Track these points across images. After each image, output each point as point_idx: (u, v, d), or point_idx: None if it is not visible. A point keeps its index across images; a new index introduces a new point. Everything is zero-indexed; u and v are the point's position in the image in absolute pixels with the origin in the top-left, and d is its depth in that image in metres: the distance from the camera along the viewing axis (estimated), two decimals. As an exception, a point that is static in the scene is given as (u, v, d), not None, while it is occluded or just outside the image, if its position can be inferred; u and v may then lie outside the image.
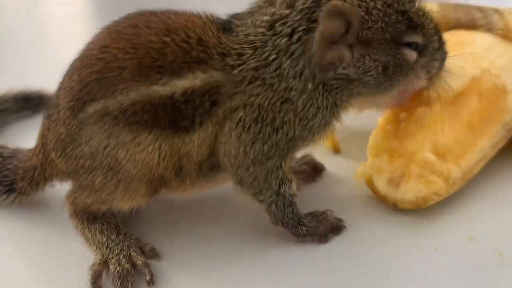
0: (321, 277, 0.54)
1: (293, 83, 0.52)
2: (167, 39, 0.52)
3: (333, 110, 0.54)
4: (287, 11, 0.51)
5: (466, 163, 0.61)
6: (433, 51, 0.55)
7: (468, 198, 0.63)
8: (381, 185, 0.61)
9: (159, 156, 0.53)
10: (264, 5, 0.54)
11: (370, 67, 0.52)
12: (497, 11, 0.71)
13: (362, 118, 0.68)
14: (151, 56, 0.52)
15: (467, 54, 0.65)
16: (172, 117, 0.52)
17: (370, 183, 0.63)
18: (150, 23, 0.54)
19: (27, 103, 0.81)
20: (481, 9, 0.71)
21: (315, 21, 0.50)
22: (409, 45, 0.53)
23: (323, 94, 0.52)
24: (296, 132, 0.53)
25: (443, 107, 0.62)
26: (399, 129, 0.63)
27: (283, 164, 0.54)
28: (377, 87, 0.53)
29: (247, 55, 0.52)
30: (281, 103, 0.52)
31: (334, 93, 0.53)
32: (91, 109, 0.53)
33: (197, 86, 0.52)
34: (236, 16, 0.56)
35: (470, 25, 0.70)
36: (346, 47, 0.51)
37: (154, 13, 0.56)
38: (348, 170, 0.68)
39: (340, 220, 0.59)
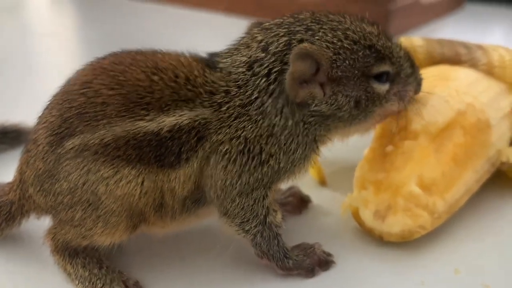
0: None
1: (275, 120, 0.53)
2: (155, 77, 0.53)
3: (312, 145, 0.55)
4: (262, 54, 0.53)
5: (451, 196, 0.62)
6: (405, 78, 0.57)
7: (453, 231, 0.64)
8: (367, 217, 0.61)
9: (140, 192, 0.52)
10: (241, 47, 0.55)
11: (343, 102, 0.54)
12: (480, 47, 0.72)
13: (349, 152, 0.69)
14: (138, 93, 0.52)
15: (452, 89, 0.66)
16: (158, 152, 0.52)
17: (356, 215, 0.63)
18: (138, 62, 0.54)
19: (3, 137, 0.81)
20: (465, 45, 0.73)
21: (287, 63, 0.52)
22: (380, 76, 0.55)
23: (303, 132, 0.54)
24: (282, 165, 0.54)
25: (429, 140, 0.63)
26: (386, 161, 0.63)
27: (268, 194, 0.55)
28: (352, 120, 0.55)
29: (233, 93, 0.53)
30: (267, 137, 0.53)
31: (313, 129, 0.54)
32: (70, 144, 0.52)
33: (184, 124, 0.52)
34: (216, 54, 0.57)
35: (455, 60, 0.72)
36: (318, 85, 0.53)
37: (140, 52, 0.56)
38: (334, 202, 0.69)
39: (329, 255, 0.59)
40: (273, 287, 0.56)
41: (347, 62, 0.53)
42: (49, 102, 0.56)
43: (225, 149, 0.53)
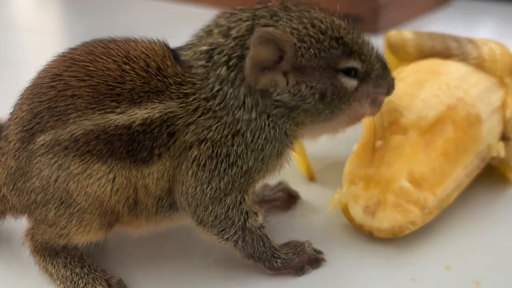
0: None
1: (238, 114, 0.51)
2: (126, 67, 0.51)
3: (284, 140, 0.53)
4: (222, 40, 0.51)
5: (442, 191, 0.61)
6: (376, 78, 0.55)
7: (444, 227, 0.63)
8: (357, 213, 0.60)
9: (111, 189, 0.50)
10: (203, 36, 0.53)
11: (307, 94, 0.51)
12: (471, 41, 0.72)
13: (338, 147, 0.68)
14: (108, 83, 0.50)
15: (443, 83, 0.65)
16: (130, 147, 0.50)
17: (346, 211, 0.62)
18: (109, 51, 0.52)
19: None
20: (456, 39, 0.72)
21: (248, 47, 0.50)
22: (348, 71, 0.52)
23: (269, 124, 0.51)
24: (250, 164, 0.51)
25: (419, 135, 0.62)
26: (375, 156, 0.62)
27: (245, 198, 0.53)
28: (318, 115, 0.53)
29: (197, 85, 0.51)
30: (232, 136, 0.51)
31: (280, 123, 0.52)
32: (41, 140, 0.50)
33: (156, 117, 0.50)
34: (179, 48, 0.54)
35: (445, 54, 0.71)
36: (281, 73, 0.51)
37: (113, 41, 0.54)
38: (324, 198, 0.68)
39: (320, 252, 0.58)
40: (261, 286, 0.55)
41: (311, 51, 0.50)
42: (19, 97, 0.54)
43: (194, 155, 0.50)
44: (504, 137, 0.68)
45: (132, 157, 0.50)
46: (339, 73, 0.52)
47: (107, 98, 0.49)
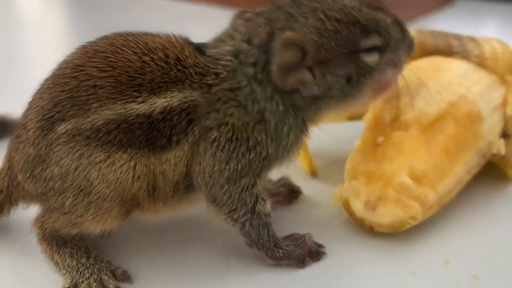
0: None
1: (266, 105, 0.53)
2: (146, 58, 0.52)
3: (302, 127, 0.55)
4: (248, 47, 0.53)
5: (442, 187, 0.62)
6: (396, 44, 0.56)
7: (444, 223, 0.64)
8: (358, 208, 0.61)
9: (133, 176, 0.52)
10: (226, 39, 0.55)
11: (333, 82, 0.53)
12: (472, 39, 0.72)
13: (340, 144, 0.68)
14: (130, 74, 0.52)
15: (444, 80, 0.66)
16: (149, 135, 0.51)
17: (347, 206, 0.62)
18: (129, 43, 0.54)
19: None
20: (457, 37, 0.73)
21: (272, 53, 0.52)
22: (369, 49, 0.54)
23: (293, 115, 0.54)
24: (270, 151, 0.53)
25: (420, 131, 0.63)
26: (377, 152, 0.63)
27: (257, 182, 0.55)
28: (344, 97, 0.54)
29: (222, 75, 0.53)
30: (255, 124, 0.53)
31: (304, 112, 0.54)
32: (61, 128, 0.51)
33: (175, 105, 0.51)
34: (203, 44, 0.56)
35: (447, 52, 0.72)
36: (306, 70, 0.52)
37: (131, 34, 0.56)
38: (325, 193, 0.68)
39: (321, 246, 0.59)
40: (262, 277, 0.56)
41: (332, 42, 0.52)
42: (39, 87, 0.56)
43: (213, 136, 0.52)
44: (504, 135, 0.69)
45: (151, 145, 0.52)
46: (361, 53, 0.54)
47: (128, 89, 0.51)
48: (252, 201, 0.55)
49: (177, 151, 0.52)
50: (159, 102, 0.51)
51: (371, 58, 0.54)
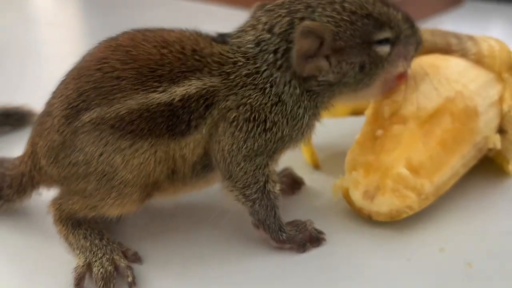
0: (297, 283, 0.56)
1: (284, 88, 0.57)
2: (164, 51, 0.56)
3: (315, 111, 0.59)
4: (268, 35, 0.57)
5: (438, 179, 0.64)
6: (406, 38, 0.60)
7: (440, 212, 0.66)
8: (357, 197, 0.64)
9: (154, 161, 0.56)
10: (248, 29, 0.59)
11: (348, 70, 0.58)
12: (471, 37, 0.75)
13: (343, 138, 0.71)
14: (150, 66, 0.55)
15: (442, 77, 0.69)
16: (170, 122, 0.55)
17: (346, 195, 0.65)
18: (148, 37, 0.58)
19: (7, 119, 0.84)
20: (456, 36, 0.75)
21: (292, 41, 0.56)
22: (380, 42, 0.58)
23: (308, 99, 0.58)
24: (285, 132, 0.57)
25: (418, 125, 0.65)
26: (376, 145, 0.66)
27: (269, 163, 0.58)
28: (357, 85, 0.59)
29: (240, 63, 0.57)
30: (272, 105, 0.56)
31: (319, 97, 0.59)
32: (86, 117, 0.55)
33: (193, 92, 0.55)
34: (225, 34, 0.60)
35: (446, 50, 0.74)
36: (323, 58, 0.57)
37: (149, 30, 0.60)
38: (327, 185, 0.71)
39: (321, 233, 0.62)
40: (265, 260, 0.59)
41: (348, 32, 0.56)
42: (64, 78, 0.59)
43: (233, 116, 0.56)
44: (501, 130, 0.71)
45: (171, 132, 0.55)
46: (373, 45, 0.58)
47: (149, 80, 0.55)
48: (264, 180, 0.58)
49: (196, 135, 0.56)
50: (178, 91, 0.55)
51: (383, 49, 0.59)
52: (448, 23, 1.62)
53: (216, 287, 0.56)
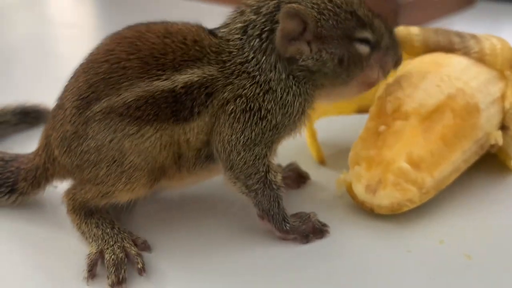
0: (300, 273, 0.58)
1: (270, 75, 0.59)
2: (167, 40, 0.59)
3: (306, 98, 0.61)
4: (254, 16, 0.60)
5: (439, 173, 0.66)
6: (385, 48, 0.63)
7: (440, 206, 0.68)
8: (359, 191, 0.65)
9: (160, 145, 0.59)
10: (236, 16, 0.62)
11: (327, 59, 0.60)
12: (474, 36, 0.76)
13: (348, 134, 0.73)
14: (154, 55, 0.59)
15: (444, 74, 0.70)
16: (174, 108, 0.58)
17: (349, 189, 0.67)
18: (151, 29, 0.61)
19: (25, 117, 0.87)
20: (459, 34, 0.77)
21: (277, 22, 0.59)
22: (361, 41, 0.61)
23: (295, 84, 0.60)
24: (278, 119, 0.60)
25: (419, 121, 0.67)
26: (378, 140, 0.67)
27: (268, 154, 0.61)
28: (336, 78, 0.61)
29: (234, 53, 0.60)
30: (264, 94, 0.59)
31: (303, 83, 0.61)
32: (97, 107, 0.58)
33: (195, 80, 0.58)
34: (215, 28, 0.64)
35: (449, 49, 0.76)
36: (305, 43, 0.59)
37: (152, 22, 0.63)
38: (331, 179, 0.73)
39: (324, 225, 0.64)
40: (270, 250, 0.62)
41: (330, 22, 0.59)
42: (74, 71, 0.62)
43: (231, 108, 0.59)
44: (503, 127, 0.73)
45: (175, 117, 0.58)
46: (354, 41, 0.61)
47: (153, 68, 0.58)
48: (264, 170, 0.61)
49: (199, 121, 0.59)
50: (181, 78, 0.58)
51: (363, 48, 0.61)
52: (461, 24, 1.62)
53: (222, 275, 0.58)
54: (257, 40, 0.60)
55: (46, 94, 0.72)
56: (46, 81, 1.10)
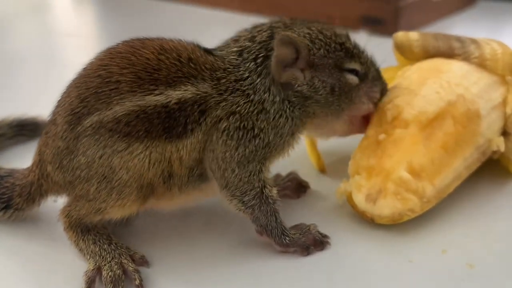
0: (301, 285, 0.58)
1: (264, 95, 0.60)
2: (162, 57, 0.59)
3: (297, 123, 0.62)
4: (249, 43, 0.62)
5: (440, 182, 0.65)
6: (372, 80, 0.66)
7: (442, 215, 0.67)
8: (360, 201, 0.65)
9: (149, 163, 0.58)
10: (231, 43, 0.64)
11: (319, 87, 0.62)
12: (474, 41, 0.76)
13: (348, 143, 0.73)
14: (147, 70, 0.58)
15: (444, 81, 0.70)
16: (166, 124, 0.58)
17: (350, 199, 0.67)
18: (146, 45, 0.61)
19: (22, 129, 0.86)
20: (459, 39, 0.76)
21: (271, 49, 0.61)
22: (350, 71, 0.64)
23: (288, 108, 0.62)
24: (270, 138, 0.60)
25: (419, 129, 0.66)
26: (378, 148, 0.67)
27: (263, 169, 0.61)
28: (328, 107, 0.63)
29: (229, 69, 0.61)
30: (257, 113, 0.60)
31: (296, 108, 0.62)
32: (87, 122, 0.57)
33: (188, 97, 0.58)
34: (212, 49, 0.64)
35: (449, 54, 0.75)
36: (299, 70, 0.61)
37: (148, 38, 0.63)
38: (332, 188, 0.72)
39: (325, 236, 0.63)
40: (270, 263, 0.61)
41: (321, 51, 0.62)
42: (67, 86, 0.62)
43: (224, 126, 0.59)
44: (504, 133, 0.72)
45: (168, 133, 0.58)
46: (344, 72, 0.63)
47: (146, 83, 0.57)
48: (260, 186, 0.60)
49: (192, 139, 0.59)
50: (174, 94, 0.58)
51: (352, 79, 0.64)
52: (461, 24, 1.61)
53: (222, 289, 0.58)
54: (252, 63, 0.61)
55: (48, 103, 0.72)
56: (48, 92, 1.09)
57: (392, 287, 0.57)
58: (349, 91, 0.64)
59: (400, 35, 0.78)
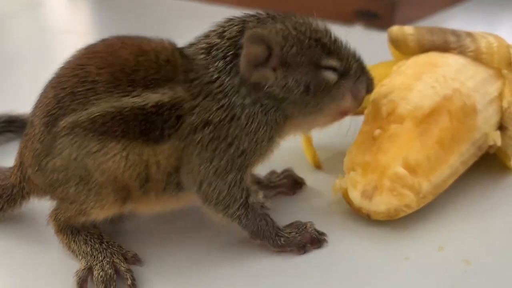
0: (298, 284, 0.57)
1: (233, 99, 0.57)
2: (140, 58, 0.57)
3: (274, 127, 0.59)
4: (218, 40, 0.58)
5: (436, 178, 0.64)
6: (355, 75, 0.61)
7: (439, 211, 0.66)
8: (356, 197, 0.64)
9: (124, 165, 0.56)
10: (202, 38, 0.60)
11: (292, 86, 0.58)
12: (469, 34, 0.75)
13: (344, 138, 0.72)
14: (125, 71, 0.56)
15: (440, 75, 0.69)
16: (144, 127, 0.56)
17: (346, 195, 0.66)
18: (125, 45, 0.59)
19: (9, 126, 0.85)
20: (455, 33, 0.75)
21: (241, 47, 0.56)
22: (329, 69, 0.59)
23: (261, 112, 0.58)
24: (245, 146, 0.57)
25: (415, 124, 0.65)
26: (373, 144, 0.66)
27: (244, 177, 0.58)
28: (305, 107, 0.59)
29: (201, 71, 0.58)
30: (230, 120, 0.57)
31: (271, 112, 0.58)
32: (63, 122, 0.56)
33: (166, 101, 0.56)
34: (183, 47, 0.61)
35: (444, 48, 0.74)
36: (270, 69, 0.57)
37: (128, 38, 0.61)
38: (328, 185, 0.71)
39: (322, 234, 0.62)
40: (266, 262, 0.60)
41: (294, 48, 0.57)
42: (45, 87, 0.61)
43: (198, 138, 0.56)
44: (501, 127, 0.71)
45: (145, 136, 0.56)
46: (321, 69, 0.59)
47: (124, 84, 0.56)
48: (244, 196, 0.58)
49: (170, 144, 0.56)
50: (152, 97, 0.56)
51: (330, 76, 0.59)
52: (457, 18, 1.61)
53: (216, 288, 0.57)
54: (221, 62, 0.57)
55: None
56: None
57: (389, 284, 0.57)
58: (328, 89, 0.59)
59: (395, 29, 0.77)
